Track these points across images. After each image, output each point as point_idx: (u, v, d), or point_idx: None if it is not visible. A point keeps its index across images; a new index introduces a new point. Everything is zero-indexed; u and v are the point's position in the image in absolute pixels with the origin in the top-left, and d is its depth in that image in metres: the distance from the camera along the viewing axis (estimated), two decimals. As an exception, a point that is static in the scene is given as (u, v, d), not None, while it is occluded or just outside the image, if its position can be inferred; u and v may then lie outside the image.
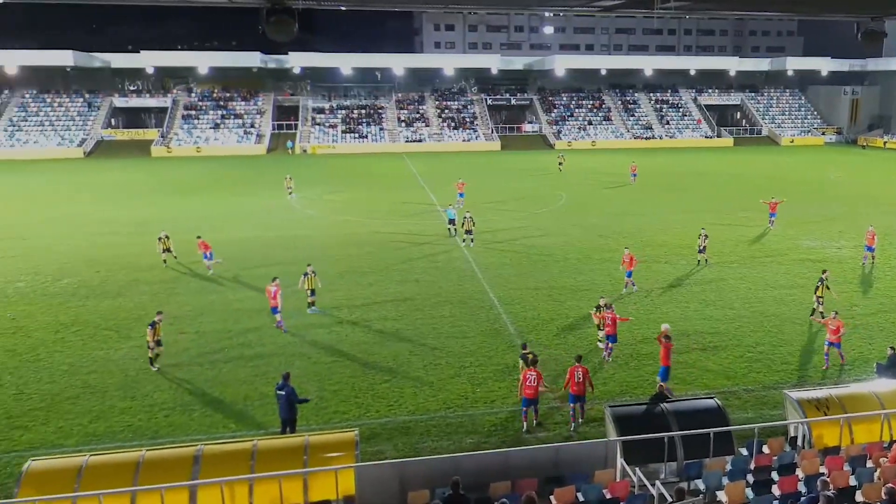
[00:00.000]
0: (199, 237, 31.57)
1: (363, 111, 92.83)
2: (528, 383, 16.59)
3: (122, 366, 20.67)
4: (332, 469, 13.01)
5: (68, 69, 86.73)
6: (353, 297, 27.03)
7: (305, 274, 25.18)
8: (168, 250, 31.95)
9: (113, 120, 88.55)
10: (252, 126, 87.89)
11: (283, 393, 15.99)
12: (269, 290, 23.74)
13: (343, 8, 26.43)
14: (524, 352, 18.10)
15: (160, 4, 26.36)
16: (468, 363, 20.65)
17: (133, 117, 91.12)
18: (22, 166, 71.48)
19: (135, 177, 63.20)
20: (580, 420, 16.97)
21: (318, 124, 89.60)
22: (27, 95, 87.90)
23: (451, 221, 37.72)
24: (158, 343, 20.75)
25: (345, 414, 17.61)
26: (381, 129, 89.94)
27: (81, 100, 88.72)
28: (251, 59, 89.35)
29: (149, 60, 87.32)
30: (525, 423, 16.77)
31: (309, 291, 25.15)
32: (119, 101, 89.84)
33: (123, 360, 21.01)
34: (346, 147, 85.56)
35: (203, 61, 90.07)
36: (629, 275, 27.55)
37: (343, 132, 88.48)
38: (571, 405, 16.96)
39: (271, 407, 17.23)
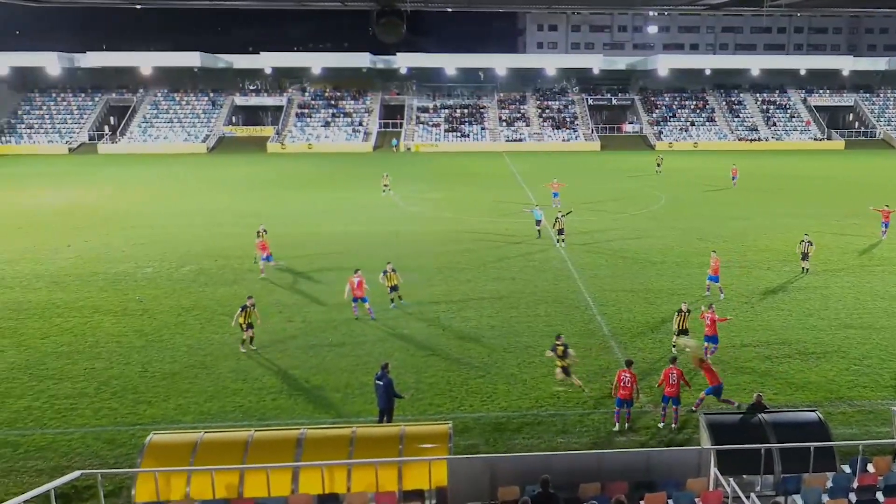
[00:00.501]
0: (258, 237, 31.06)
1: (465, 110, 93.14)
2: (622, 384, 16.30)
3: (235, 350, 21.49)
4: (426, 460, 13.13)
5: (196, 70, 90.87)
6: (451, 292, 27.19)
7: (385, 272, 25.35)
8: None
9: (234, 117, 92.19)
10: (360, 124, 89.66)
11: (382, 383, 16.25)
12: (352, 281, 24.18)
13: (449, 9, 26.57)
14: (557, 343, 18.41)
15: (279, 7, 27.27)
16: (562, 362, 20.42)
17: (252, 115, 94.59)
18: (152, 160, 75.37)
19: (252, 171, 65.58)
20: (673, 425, 16.53)
21: (422, 123, 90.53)
22: (159, 94, 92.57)
23: (538, 223, 37.02)
24: (250, 326, 21.45)
25: (439, 406, 17.74)
26: (482, 128, 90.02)
27: (206, 98, 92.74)
28: (361, 60, 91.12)
29: (267, 61, 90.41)
30: (617, 425, 16.47)
31: (389, 288, 25.27)
32: (240, 100, 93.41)
33: (236, 344, 21.83)
34: (448, 145, 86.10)
35: (316, 62, 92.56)
36: (714, 279, 26.51)
37: (446, 131, 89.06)
38: (664, 406, 16.58)
39: (370, 396, 17.54)
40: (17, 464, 15.21)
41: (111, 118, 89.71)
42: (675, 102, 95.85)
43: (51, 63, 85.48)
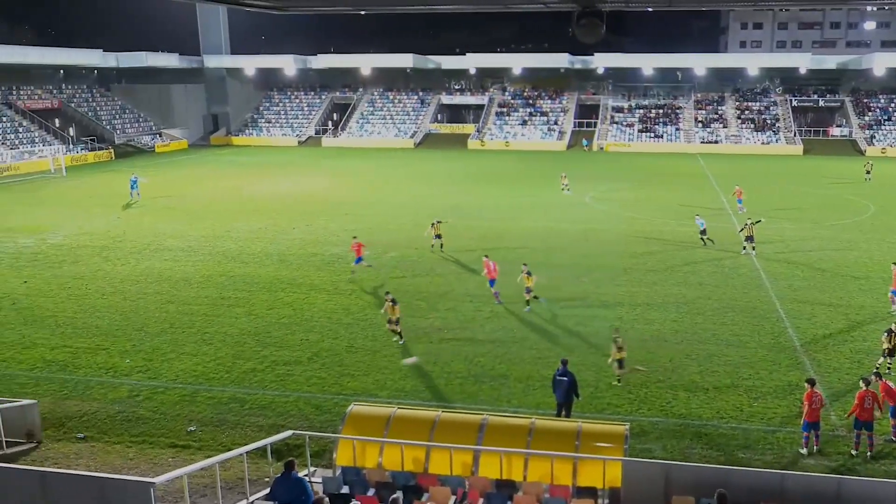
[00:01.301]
0: (354, 237, 30.03)
1: (660, 111, 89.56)
2: (811, 405, 14.99)
3: (427, 334, 22.32)
4: (601, 458, 12.90)
5: (408, 70, 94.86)
6: (635, 294, 26.42)
7: (524, 272, 24.82)
8: (439, 236, 32.73)
9: (439, 115, 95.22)
10: (555, 123, 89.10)
11: (566, 379, 16.16)
12: (487, 264, 25.15)
13: (650, 9, 25.53)
14: (615, 335, 19.07)
15: (485, 10, 27.51)
16: (746, 374, 19.21)
17: (455, 113, 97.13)
18: (366, 153, 79.78)
19: (453, 166, 67.39)
20: (868, 453, 15.02)
21: (616, 123, 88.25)
22: (375, 93, 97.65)
23: (703, 232, 33.52)
24: (396, 322, 21.73)
25: (617, 407, 17.37)
26: (676, 129, 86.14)
27: (416, 97, 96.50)
28: (560, 60, 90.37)
29: (472, 62, 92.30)
30: (805, 448, 15.21)
31: (525, 289, 24.66)
32: (445, 99, 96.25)
33: (428, 329, 22.67)
34: (641, 146, 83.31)
35: (517, 62, 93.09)
36: (896, 293, 23.63)
37: (639, 131, 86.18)
38: (856, 431, 15.10)
39: (550, 389, 17.50)
40: (243, 418, 16.86)
41: (334, 114, 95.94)
42: (892, 105, 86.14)
43: (288, 65, 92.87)
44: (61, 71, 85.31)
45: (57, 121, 77.26)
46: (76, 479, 11.69)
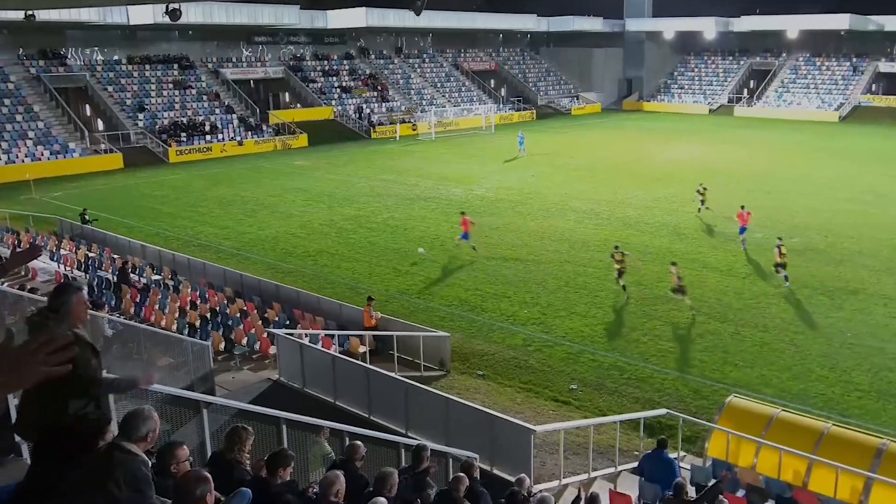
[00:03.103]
0: (462, 213, 28.88)
1: None
2: None
3: (828, 334, 19.98)
4: None
5: (842, 33, 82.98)
6: None
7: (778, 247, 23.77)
8: None
9: (873, 85, 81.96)
10: None
11: None
12: (741, 214, 27.00)
13: None
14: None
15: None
16: None
17: (894, 83, 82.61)
18: (781, 125, 72.80)
19: (884, 145, 57.91)
20: None
21: None
22: (800, 59, 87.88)
23: None
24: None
25: None
26: None
27: (848, 64, 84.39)
28: None
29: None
30: None
31: (775, 265, 23.75)
32: (884, 66, 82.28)
33: (830, 329, 20.27)
34: None
35: None
36: None
37: None
38: None
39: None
40: (621, 387, 17.25)
41: (751, 81, 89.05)
42: None
43: (708, 27, 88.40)
44: (500, 35, 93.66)
45: (492, 81, 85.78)
46: (472, 411, 13.35)
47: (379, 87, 74.01)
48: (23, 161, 47.16)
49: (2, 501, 4.66)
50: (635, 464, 12.74)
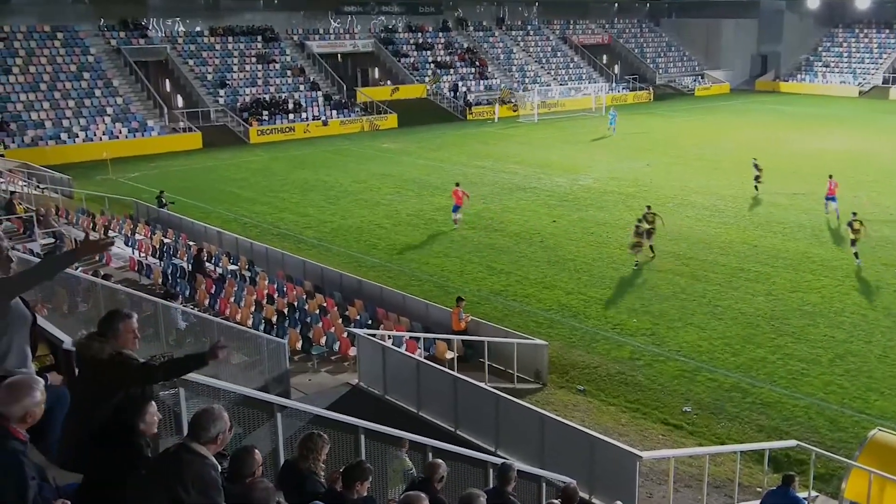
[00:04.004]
0: (456, 184, 31.93)
1: None
2: None
3: None
4: None
5: None
6: None
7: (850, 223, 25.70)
8: None
9: None
10: None
11: None
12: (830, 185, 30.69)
13: None
14: None
15: None
16: None
17: None
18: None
19: None
20: None
21: None
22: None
23: None
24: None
25: None
26: None
27: None
28: None
29: None
30: None
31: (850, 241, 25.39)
32: None
33: None
34: None
35: None
36: None
37: None
38: None
39: None
40: (743, 412, 16.70)
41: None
42: None
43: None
44: (615, 4, 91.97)
45: (605, 57, 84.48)
46: (571, 431, 13.27)
47: (477, 63, 74.26)
48: (100, 139, 50.10)
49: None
50: (757, 501, 12.33)
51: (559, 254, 27.71)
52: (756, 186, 35.65)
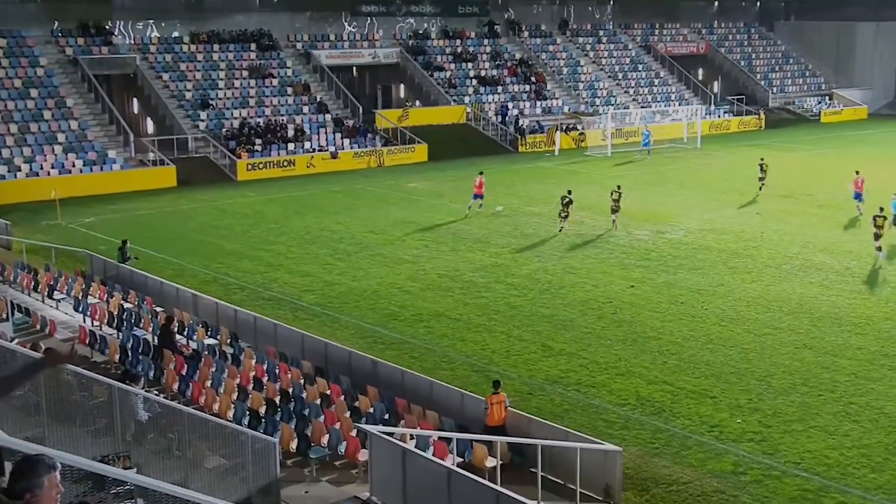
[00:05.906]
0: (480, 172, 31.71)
1: None
2: None
3: None
4: None
5: None
6: None
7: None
8: None
9: None
10: None
11: None
12: (856, 181, 37.48)
13: None
14: None
15: None
16: None
17: None
18: None
19: None
20: None
21: None
22: None
23: None
24: None
25: None
26: None
27: None
28: None
29: None
30: None
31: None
32: None
33: None
34: None
35: None
36: None
37: None
38: None
39: None
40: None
41: None
42: None
43: None
44: (715, 4, 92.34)
45: (700, 71, 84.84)
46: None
47: (533, 78, 75.22)
48: (48, 173, 51.04)
49: None
50: None
51: (638, 330, 27.57)
52: (759, 188, 41.43)
